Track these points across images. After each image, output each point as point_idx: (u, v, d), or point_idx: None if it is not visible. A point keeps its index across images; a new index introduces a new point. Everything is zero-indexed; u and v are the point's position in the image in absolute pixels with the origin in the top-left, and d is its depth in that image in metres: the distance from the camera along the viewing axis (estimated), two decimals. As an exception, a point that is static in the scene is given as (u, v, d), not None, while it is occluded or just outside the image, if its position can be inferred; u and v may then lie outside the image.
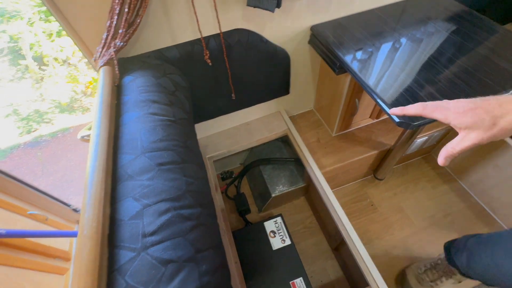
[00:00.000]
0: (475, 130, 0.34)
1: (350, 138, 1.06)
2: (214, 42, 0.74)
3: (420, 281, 0.89)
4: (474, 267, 0.64)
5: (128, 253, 0.37)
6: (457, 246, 0.73)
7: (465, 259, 0.67)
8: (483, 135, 0.34)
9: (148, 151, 0.48)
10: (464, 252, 0.68)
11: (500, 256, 0.57)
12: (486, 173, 1.03)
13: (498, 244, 0.59)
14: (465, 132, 0.35)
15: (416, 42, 0.77)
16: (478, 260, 0.62)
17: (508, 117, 0.32)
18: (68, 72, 2.38)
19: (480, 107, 0.34)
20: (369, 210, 1.14)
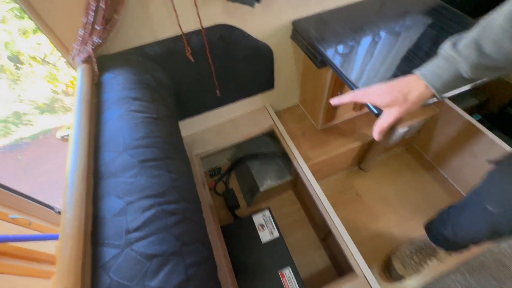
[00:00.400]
0: (394, 106, 0.42)
1: (335, 131, 1.09)
2: (196, 38, 0.73)
3: (405, 265, 0.93)
4: (460, 234, 0.69)
5: (112, 250, 0.37)
6: (442, 221, 0.77)
7: (451, 230, 0.71)
8: (400, 109, 0.42)
9: (131, 148, 0.48)
10: (448, 223, 0.72)
11: (469, 216, 0.64)
12: (464, 160, 1.08)
13: (468, 208, 0.65)
14: (387, 109, 0.43)
15: (394, 35, 0.79)
16: (461, 226, 0.67)
17: (414, 92, 0.41)
18: (47, 71, 2.30)
19: (394, 87, 0.42)
20: (354, 201, 1.17)
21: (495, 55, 0.36)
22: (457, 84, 0.40)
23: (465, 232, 0.66)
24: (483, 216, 0.59)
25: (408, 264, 0.93)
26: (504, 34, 0.34)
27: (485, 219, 0.59)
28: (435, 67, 0.40)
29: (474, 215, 0.62)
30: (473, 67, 0.37)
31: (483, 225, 0.60)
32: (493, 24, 0.36)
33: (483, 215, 0.59)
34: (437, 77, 0.40)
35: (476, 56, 0.37)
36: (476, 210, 0.61)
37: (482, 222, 0.60)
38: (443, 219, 0.76)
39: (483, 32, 0.37)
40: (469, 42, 0.38)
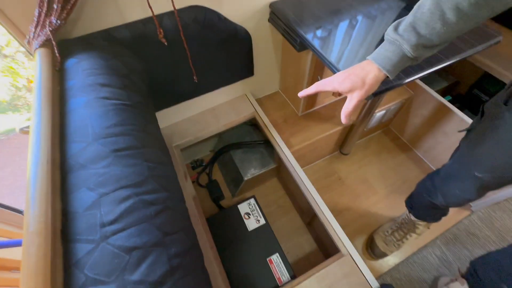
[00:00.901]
0: (354, 91, 0.45)
1: (316, 116, 1.09)
2: (168, 21, 0.69)
3: (387, 243, 0.97)
4: (453, 201, 0.74)
5: (86, 246, 0.34)
6: (429, 192, 0.80)
7: (442, 199, 0.75)
8: (361, 92, 0.45)
9: (101, 137, 0.44)
10: (438, 193, 0.76)
11: (458, 185, 0.69)
12: (436, 140, 1.13)
13: (452, 177, 0.71)
14: (349, 94, 0.46)
15: (371, 18, 0.79)
16: (451, 195, 0.72)
17: (370, 75, 0.44)
18: (5, 65, 2.09)
19: (352, 73, 0.45)
20: (337, 184, 1.19)
21: (429, 35, 0.39)
22: (404, 63, 0.43)
23: (456, 197, 0.71)
24: (473, 181, 0.64)
25: (389, 242, 0.97)
26: (433, 17, 0.38)
27: (474, 183, 0.64)
28: (384, 51, 0.43)
29: (464, 182, 0.67)
30: (414, 48, 0.41)
31: (473, 189, 0.65)
32: (423, 8, 0.39)
33: (473, 181, 0.64)
34: (387, 60, 0.43)
35: (414, 37, 0.40)
36: (465, 178, 0.66)
37: (472, 187, 0.65)
38: (429, 190, 0.79)
39: (416, 16, 0.40)
40: (406, 25, 0.41)
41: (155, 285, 0.33)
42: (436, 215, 0.86)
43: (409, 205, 0.93)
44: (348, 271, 0.71)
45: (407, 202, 0.94)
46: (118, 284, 0.32)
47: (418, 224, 0.92)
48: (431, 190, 0.79)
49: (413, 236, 0.95)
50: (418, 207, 0.89)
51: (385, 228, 1.01)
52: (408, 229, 0.94)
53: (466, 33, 0.70)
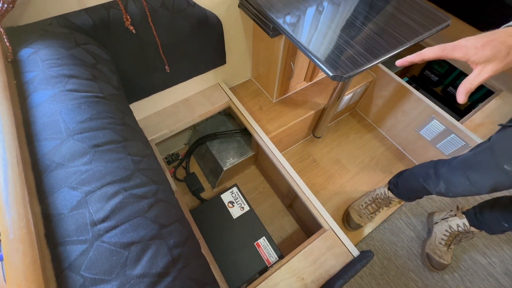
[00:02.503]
0: (492, 62, 0.37)
1: (289, 102, 1.12)
2: (134, 6, 0.64)
3: (362, 215, 1.06)
4: (455, 191, 0.73)
5: (78, 247, 0.32)
6: (428, 178, 0.81)
7: (444, 186, 0.75)
8: (499, 65, 0.37)
9: (77, 133, 0.41)
10: (440, 180, 0.76)
11: (473, 176, 0.67)
12: (397, 118, 1.24)
13: (469, 168, 0.69)
14: (481, 66, 0.38)
15: (336, 4, 0.82)
16: (458, 184, 0.72)
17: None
18: None
19: (495, 39, 0.37)
20: (312, 166, 1.25)
21: None
22: None
23: (462, 188, 0.71)
24: (496, 175, 0.62)
25: (363, 214, 1.06)
26: None
27: (496, 177, 0.62)
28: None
29: (484, 174, 0.65)
30: None
31: (490, 182, 0.64)
32: None
33: (496, 174, 0.62)
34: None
35: None
36: (489, 170, 0.64)
37: (490, 181, 0.64)
38: (429, 177, 0.80)
39: None
40: None
41: (160, 276, 0.33)
42: (414, 197, 0.92)
43: (393, 184, 0.98)
44: (331, 244, 0.77)
45: (392, 181, 0.99)
46: (121, 281, 0.31)
47: (393, 200, 1.00)
48: (431, 177, 0.79)
49: (384, 209, 1.04)
50: (404, 188, 0.92)
51: (359, 202, 1.09)
52: (381, 203, 1.03)
53: (421, 17, 0.77)
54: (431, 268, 1.00)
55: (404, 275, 1.01)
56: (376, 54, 0.67)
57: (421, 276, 1.01)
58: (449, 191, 0.75)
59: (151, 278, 0.32)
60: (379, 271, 1.01)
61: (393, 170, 1.25)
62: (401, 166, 1.26)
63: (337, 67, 0.64)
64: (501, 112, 1.08)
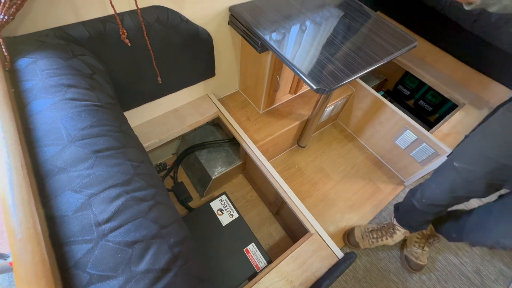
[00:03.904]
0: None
1: (276, 113, 1.18)
2: (130, 20, 0.67)
3: (364, 237, 1.08)
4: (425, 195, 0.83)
5: (83, 246, 0.33)
6: (412, 191, 0.92)
7: (420, 193, 0.86)
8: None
9: (78, 139, 0.43)
10: (419, 188, 0.88)
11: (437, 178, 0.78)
12: (375, 129, 1.33)
13: (436, 171, 0.80)
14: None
15: (317, 24, 0.90)
16: (427, 188, 0.83)
17: None
18: None
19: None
20: (298, 175, 1.30)
21: None
22: None
23: (430, 191, 0.81)
24: (450, 174, 0.72)
25: (366, 237, 1.07)
26: None
27: (452, 176, 0.72)
28: None
29: (443, 174, 0.75)
30: None
31: (447, 184, 0.74)
32: None
33: (450, 173, 0.72)
34: None
35: None
36: (445, 169, 0.74)
37: (447, 181, 0.74)
38: (413, 190, 0.91)
39: None
40: None
41: (162, 272, 0.34)
42: (413, 222, 0.96)
43: (396, 207, 1.03)
44: (317, 247, 0.80)
45: (396, 204, 1.04)
46: (127, 276, 0.32)
47: (397, 229, 1.02)
48: (414, 189, 0.90)
49: (388, 240, 1.04)
50: (402, 209, 0.99)
51: (368, 225, 1.12)
52: (386, 231, 1.05)
53: (392, 38, 0.87)
54: (410, 269, 1.06)
55: (385, 277, 1.06)
56: (354, 70, 0.75)
57: (400, 277, 1.06)
58: (423, 196, 0.84)
59: (155, 273, 0.34)
60: (362, 275, 1.05)
61: (372, 177, 1.33)
62: (380, 174, 1.35)
63: (320, 81, 0.71)
64: (465, 123, 1.19)
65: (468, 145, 0.73)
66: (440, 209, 0.84)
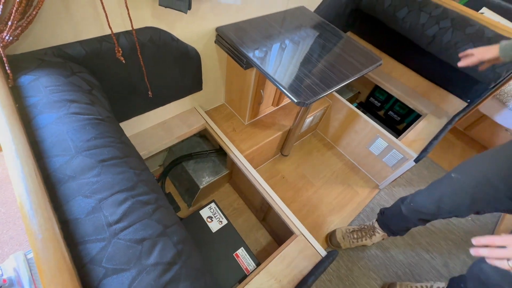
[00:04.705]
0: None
1: (260, 124, 1.25)
2: (125, 39, 0.72)
3: (345, 237, 1.15)
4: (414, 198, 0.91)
5: (97, 244, 0.37)
6: (403, 198, 0.99)
7: (410, 198, 0.94)
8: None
9: (84, 150, 0.46)
10: (410, 195, 0.95)
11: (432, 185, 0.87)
12: (350, 137, 1.45)
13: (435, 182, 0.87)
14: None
15: (296, 43, 1.00)
16: (419, 192, 0.91)
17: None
18: None
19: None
20: (282, 182, 1.37)
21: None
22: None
23: (419, 197, 0.89)
24: (445, 184, 0.79)
25: (347, 237, 1.15)
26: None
27: (446, 186, 0.79)
28: None
29: (441, 183, 0.81)
30: None
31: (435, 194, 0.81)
32: None
33: (446, 183, 0.79)
34: None
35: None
36: (443, 179, 0.81)
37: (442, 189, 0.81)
38: (403, 197, 0.98)
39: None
40: None
41: (169, 265, 0.39)
42: (395, 227, 1.04)
43: (381, 211, 1.11)
44: (302, 247, 0.86)
45: (381, 209, 1.11)
46: (139, 269, 0.36)
47: (377, 232, 1.11)
48: (405, 197, 0.98)
49: (367, 241, 1.13)
50: (388, 214, 1.06)
51: (349, 226, 1.20)
52: (366, 232, 1.13)
53: (361, 58, 0.98)
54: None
55: (365, 274, 1.13)
56: (329, 85, 0.84)
57: (379, 274, 1.15)
58: (412, 200, 0.92)
59: (163, 265, 0.38)
60: (345, 273, 1.12)
61: (350, 182, 1.43)
62: (357, 179, 1.45)
63: (300, 94, 0.79)
64: (427, 130, 1.34)
65: (471, 161, 0.78)
66: (422, 217, 0.89)
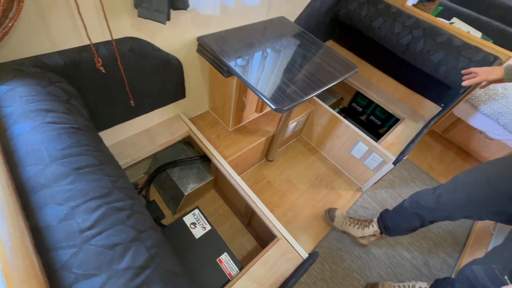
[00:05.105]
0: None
1: (243, 130, 1.27)
2: (104, 50, 0.74)
3: (340, 217, 1.25)
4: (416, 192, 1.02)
5: (69, 251, 0.38)
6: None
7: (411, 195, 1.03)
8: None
9: (59, 158, 0.47)
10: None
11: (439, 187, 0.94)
12: (333, 142, 1.49)
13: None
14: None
15: (277, 52, 1.04)
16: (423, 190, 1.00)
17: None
18: None
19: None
20: (267, 187, 1.39)
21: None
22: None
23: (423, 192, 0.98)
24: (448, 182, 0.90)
25: (342, 217, 1.25)
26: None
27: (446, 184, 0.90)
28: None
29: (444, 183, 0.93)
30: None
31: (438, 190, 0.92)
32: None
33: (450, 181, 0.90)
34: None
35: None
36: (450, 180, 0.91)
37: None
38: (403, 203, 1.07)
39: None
40: None
41: (141, 269, 0.40)
42: (391, 224, 1.09)
43: (385, 209, 1.16)
44: (284, 250, 0.88)
45: (386, 209, 1.16)
46: (109, 273, 0.37)
47: (371, 226, 1.16)
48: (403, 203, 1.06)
49: (358, 230, 1.19)
50: (389, 211, 1.12)
51: (353, 217, 1.26)
52: (361, 223, 1.20)
53: (338, 66, 1.02)
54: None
55: (349, 276, 1.16)
56: (307, 91, 0.88)
57: (362, 275, 1.17)
58: (417, 193, 1.01)
59: (134, 270, 0.39)
60: (329, 275, 1.14)
61: (334, 185, 1.46)
62: (341, 182, 1.49)
63: (278, 101, 0.82)
64: (405, 134, 1.40)
65: (478, 166, 0.85)
66: (420, 212, 0.96)
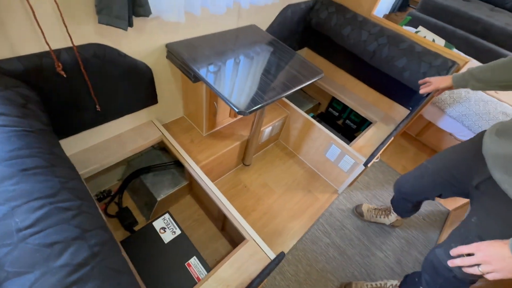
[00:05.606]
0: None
1: (218, 135, 1.29)
2: (67, 55, 0.74)
3: (369, 210, 1.39)
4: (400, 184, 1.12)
5: (3, 250, 0.38)
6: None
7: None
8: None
9: (5, 160, 0.47)
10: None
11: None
12: (309, 146, 1.52)
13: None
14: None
15: (250, 59, 1.07)
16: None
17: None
18: None
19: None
20: (243, 191, 1.40)
21: None
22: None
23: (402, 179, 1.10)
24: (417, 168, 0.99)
25: (370, 211, 1.39)
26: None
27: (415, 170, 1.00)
28: None
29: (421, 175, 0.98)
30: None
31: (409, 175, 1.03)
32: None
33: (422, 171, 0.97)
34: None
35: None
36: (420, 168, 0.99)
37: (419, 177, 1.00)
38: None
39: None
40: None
41: (79, 266, 0.40)
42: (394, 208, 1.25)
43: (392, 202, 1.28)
44: (252, 252, 0.89)
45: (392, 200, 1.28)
46: (43, 270, 0.37)
47: (392, 213, 1.31)
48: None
49: (385, 219, 1.35)
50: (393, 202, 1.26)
51: (373, 205, 1.45)
52: (384, 211, 1.35)
53: (305, 71, 1.06)
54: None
55: (323, 277, 1.17)
56: (271, 95, 0.91)
57: (337, 276, 1.18)
58: (396, 181, 1.13)
59: (71, 267, 0.39)
60: (303, 277, 1.15)
61: (311, 188, 1.49)
62: (317, 185, 1.51)
63: (241, 105, 0.84)
64: (376, 136, 1.45)
65: (439, 153, 0.96)
66: (405, 196, 1.10)
